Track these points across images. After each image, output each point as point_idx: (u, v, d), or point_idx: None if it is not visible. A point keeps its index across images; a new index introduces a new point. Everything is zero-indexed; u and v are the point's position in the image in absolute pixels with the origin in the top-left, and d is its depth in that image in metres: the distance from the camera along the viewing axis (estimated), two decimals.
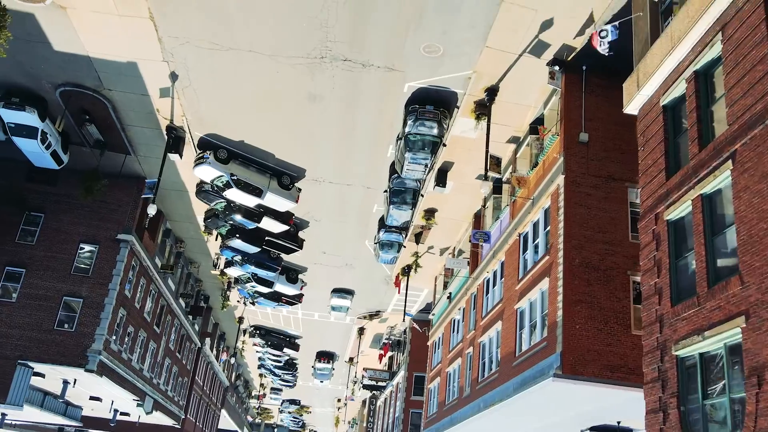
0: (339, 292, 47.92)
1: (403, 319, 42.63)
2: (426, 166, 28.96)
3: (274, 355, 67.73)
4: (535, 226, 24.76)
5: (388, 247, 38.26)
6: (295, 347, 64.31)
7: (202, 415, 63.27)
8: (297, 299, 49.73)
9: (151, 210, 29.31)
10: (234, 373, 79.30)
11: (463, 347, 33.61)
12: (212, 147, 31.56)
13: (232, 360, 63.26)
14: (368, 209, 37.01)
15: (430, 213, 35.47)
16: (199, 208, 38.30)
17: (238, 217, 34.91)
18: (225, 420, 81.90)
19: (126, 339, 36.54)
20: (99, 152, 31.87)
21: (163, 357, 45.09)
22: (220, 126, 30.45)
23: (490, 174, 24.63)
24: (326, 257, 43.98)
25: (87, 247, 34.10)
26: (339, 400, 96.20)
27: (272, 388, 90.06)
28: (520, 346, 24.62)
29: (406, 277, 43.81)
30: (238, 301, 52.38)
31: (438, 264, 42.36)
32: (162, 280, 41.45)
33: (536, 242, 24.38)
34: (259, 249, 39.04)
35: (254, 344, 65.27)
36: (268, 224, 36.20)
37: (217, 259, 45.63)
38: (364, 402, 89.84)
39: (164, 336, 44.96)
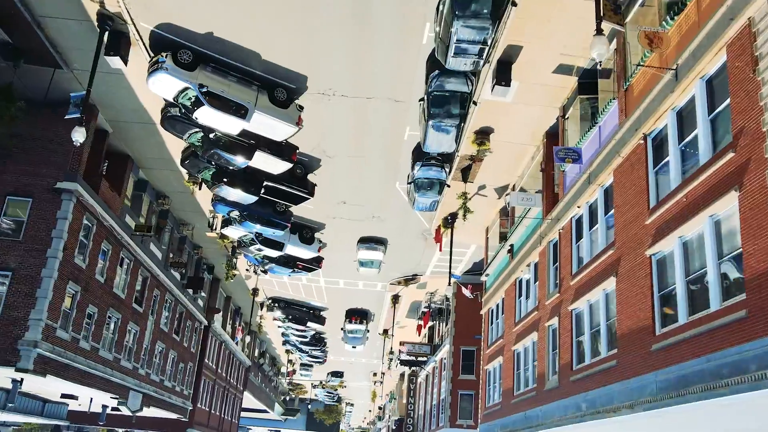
0: (367, 242, 37.74)
1: (449, 283, 32.65)
2: (483, 45, 18.66)
3: (297, 330, 58.40)
4: (686, 111, 14.45)
5: (426, 187, 28.13)
6: (321, 320, 54.79)
7: (219, 401, 54.50)
8: (315, 264, 40.01)
9: (78, 136, 19.51)
10: (257, 351, 70.54)
11: (540, 317, 23.57)
12: (170, 47, 21.61)
13: (248, 338, 54.14)
14: (398, 135, 26.89)
15: (483, 135, 25.20)
16: (178, 147, 28.54)
17: (221, 153, 25.05)
18: (250, 401, 73.40)
19: (85, 323, 27.17)
20: (12, 64, 22.10)
21: (152, 341, 35.86)
22: (175, 13, 20.45)
23: (607, 25, 14.16)
24: (347, 209, 34.05)
25: (15, 202, 24.55)
26: (375, 374, 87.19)
27: (302, 364, 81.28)
28: (663, 317, 14.47)
29: (449, 230, 33.73)
30: (247, 270, 42.84)
31: (490, 210, 32.18)
32: (140, 246, 31.95)
33: (691, 136, 14.07)
34: (257, 198, 29.23)
35: (274, 319, 55.98)
36: (264, 161, 26.28)
37: (213, 218, 35.98)
38: (401, 375, 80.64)
39: (151, 315, 35.65)
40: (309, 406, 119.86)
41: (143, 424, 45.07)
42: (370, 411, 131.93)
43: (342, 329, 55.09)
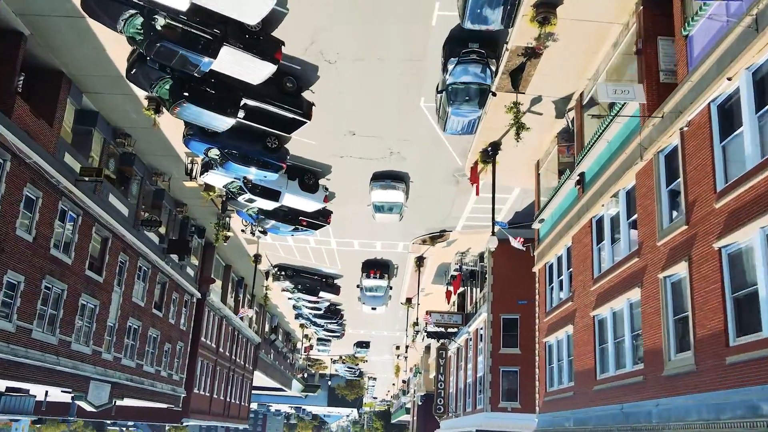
0: (383, 179, 28.71)
1: (492, 231, 24.70)
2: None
3: (309, 302, 50.98)
4: None
5: (462, 97, 20.16)
6: (335, 289, 47.17)
7: (223, 384, 47.40)
8: (323, 219, 32.30)
9: None
10: (268, 326, 63.35)
11: (646, 267, 15.63)
12: None
13: (250, 313, 46.76)
14: (424, 17, 18.83)
15: (547, 9, 17.12)
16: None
17: (170, 46, 17.19)
18: (263, 380, 66.53)
19: (2, 296, 19.68)
20: None
21: (120, 318, 28.44)
22: None
23: None
24: (357, 143, 26.20)
25: None
26: (397, 348, 79.97)
27: (319, 339, 74.15)
28: None
29: (489, 165, 25.84)
30: (243, 231, 35.19)
31: (542, 137, 24.27)
32: (92, 198, 24.38)
33: None
34: (233, 120, 21.47)
35: (283, 290, 48.51)
36: (236, 63, 18.41)
37: (191, 162, 28.32)
38: (427, 348, 73.23)
39: (118, 287, 28.21)
40: (329, 382, 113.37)
41: (129, 415, 38.06)
42: (393, 384, 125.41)
43: (359, 286, 43.41)
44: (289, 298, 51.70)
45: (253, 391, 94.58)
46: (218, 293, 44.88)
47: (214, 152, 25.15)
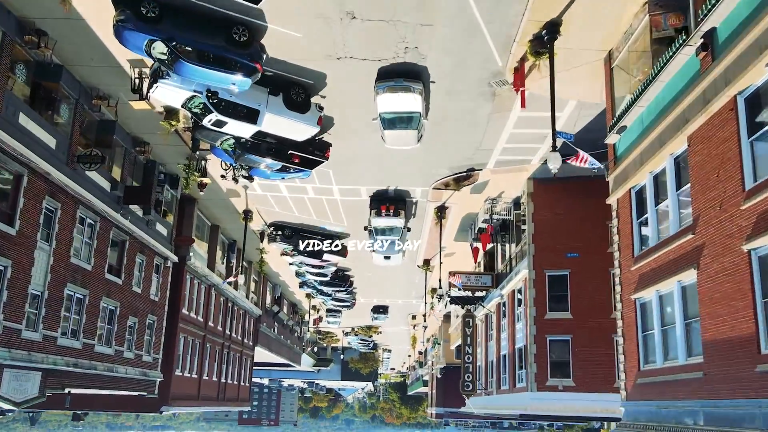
0: (392, 78, 20.11)
1: (553, 145, 17.07)
2: None
3: (313, 267, 43.81)
4: None
5: None
6: (341, 251, 39.88)
7: (215, 363, 40.49)
8: (319, 154, 24.91)
9: None
10: (271, 297, 56.27)
11: None
12: None
13: (241, 280, 39.53)
14: None
15: None
16: None
17: None
18: (267, 356, 59.81)
19: None
20: None
21: (52, 286, 21.18)
22: None
23: None
24: (358, 31, 18.55)
25: None
26: (413, 318, 72.92)
27: (328, 311, 67.18)
28: None
29: (544, 56, 18.27)
30: (223, 176, 27.74)
31: (621, 10, 16.59)
32: None
33: None
34: None
35: (283, 254, 41.30)
36: None
37: (137, 74, 20.82)
38: (446, 317, 66.17)
39: (46, 243, 20.90)
40: (341, 356, 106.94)
41: (96, 405, 31.18)
42: (409, 356, 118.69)
43: (367, 228, 33.41)
44: (290, 264, 44.52)
45: (260, 368, 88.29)
46: (204, 258, 37.71)
47: (159, 49, 17.71)
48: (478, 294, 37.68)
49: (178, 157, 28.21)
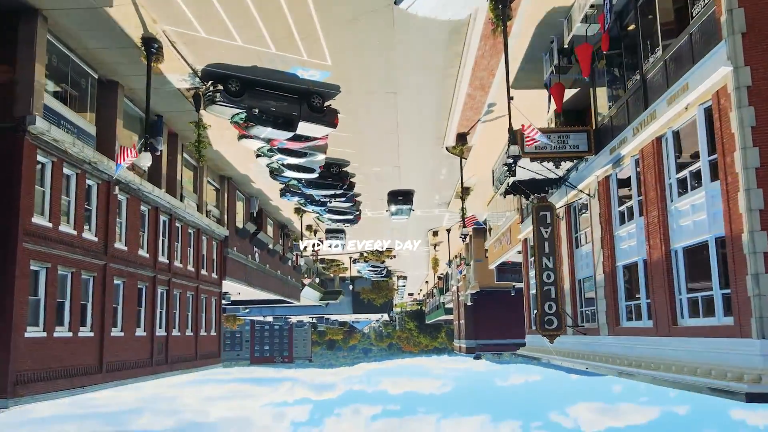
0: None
1: None
2: None
3: (289, 152, 27.17)
4: None
5: None
6: (327, 116, 23.18)
7: (140, 309, 24.78)
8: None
9: None
10: (245, 212, 40.21)
11: None
12: None
13: (146, 162, 22.60)
14: None
15: None
16: None
17: None
18: (248, 292, 44.46)
19: None
20: None
21: None
22: None
23: None
24: None
25: None
26: (435, 234, 56.91)
27: (328, 231, 51.28)
28: None
29: None
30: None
31: None
32: None
33: None
34: None
35: (243, 136, 24.60)
36: None
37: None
38: (482, 226, 50.15)
39: None
40: (351, 286, 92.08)
41: None
42: (426, 282, 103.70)
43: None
44: (258, 153, 27.95)
45: (252, 306, 73.17)
46: (93, 136, 21.40)
47: None
48: (568, 161, 21.49)
49: None
